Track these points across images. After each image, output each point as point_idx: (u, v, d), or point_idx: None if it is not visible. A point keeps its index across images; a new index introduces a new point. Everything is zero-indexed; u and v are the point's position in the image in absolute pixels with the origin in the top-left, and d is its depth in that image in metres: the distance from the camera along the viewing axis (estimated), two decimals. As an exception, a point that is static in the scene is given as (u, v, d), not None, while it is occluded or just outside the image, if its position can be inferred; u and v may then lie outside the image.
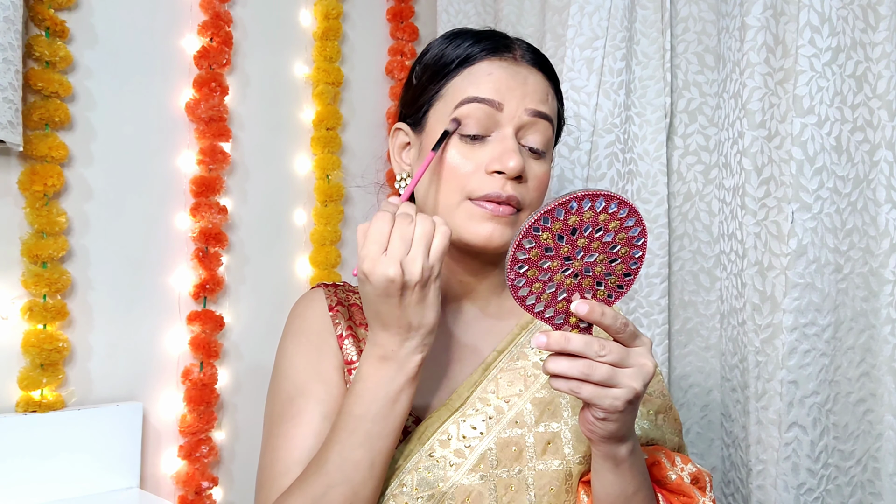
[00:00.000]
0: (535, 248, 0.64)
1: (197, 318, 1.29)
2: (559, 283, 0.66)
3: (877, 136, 1.12)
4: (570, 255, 0.65)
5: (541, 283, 0.65)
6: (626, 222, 0.64)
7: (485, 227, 0.79)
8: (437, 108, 0.84)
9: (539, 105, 0.82)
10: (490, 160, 0.79)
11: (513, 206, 0.80)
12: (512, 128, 0.81)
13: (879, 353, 1.12)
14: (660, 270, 1.30)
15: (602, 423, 0.67)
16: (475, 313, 0.88)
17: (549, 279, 0.65)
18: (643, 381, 0.65)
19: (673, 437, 0.90)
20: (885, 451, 1.12)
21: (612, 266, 0.66)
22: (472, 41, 0.84)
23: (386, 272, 0.68)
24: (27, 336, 1.12)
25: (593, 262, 0.65)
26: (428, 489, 0.76)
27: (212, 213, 1.30)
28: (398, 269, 0.68)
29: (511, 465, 0.78)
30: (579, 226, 0.64)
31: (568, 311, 0.66)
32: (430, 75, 0.85)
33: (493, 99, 0.80)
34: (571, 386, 0.65)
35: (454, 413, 0.80)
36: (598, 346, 0.64)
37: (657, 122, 1.32)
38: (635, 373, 0.65)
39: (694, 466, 0.85)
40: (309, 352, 0.84)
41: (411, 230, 0.70)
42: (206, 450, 1.28)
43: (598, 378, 0.64)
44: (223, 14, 1.35)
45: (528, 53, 0.85)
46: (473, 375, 0.83)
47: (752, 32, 1.17)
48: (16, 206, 1.13)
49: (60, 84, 1.15)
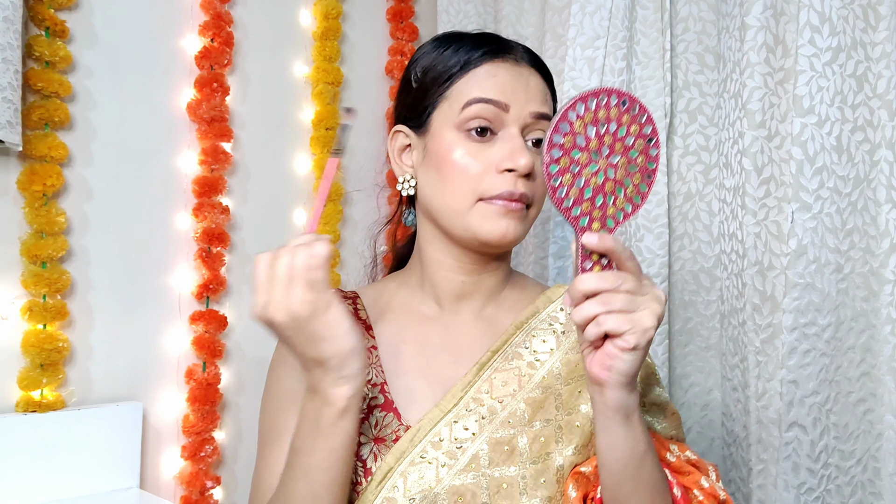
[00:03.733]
0: (570, 134, 0.67)
1: (201, 317, 1.29)
2: (587, 180, 0.68)
3: (877, 135, 1.13)
4: (597, 150, 0.68)
5: (571, 175, 0.68)
6: (644, 129, 0.69)
7: (500, 224, 0.80)
8: (443, 110, 0.84)
9: (541, 107, 0.84)
10: (501, 159, 0.81)
11: (523, 202, 0.81)
12: (517, 127, 0.82)
13: (880, 353, 1.12)
14: (660, 270, 1.30)
15: (629, 353, 0.65)
16: (472, 315, 0.89)
17: (579, 172, 0.68)
18: (661, 304, 0.67)
19: (670, 430, 0.90)
20: (885, 451, 1.12)
21: (631, 175, 0.70)
22: (472, 44, 0.85)
23: (270, 317, 0.67)
24: (27, 336, 1.12)
25: (616, 164, 0.69)
26: (420, 490, 0.77)
27: (214, 213, 1.31)
28: (277, 312, 0.66)
29: (504, 465, 0.79)
30: (606, 121, 0.68)
31: (591, 213, 0.69)
32: (432, 77, 0.86)
33: (500, 100, 0.82)
34: (599, 321, 0.65)
35: (447, 414, 0.81)
36: (614, 277, 0.66)
37: (657, 122, 1.32)
38: (651, 298, 0.66)
39: (693, 454, 0.85)
40: (290, 373, 0.84)
41: (283, 266, 0.67)
42: (210, 449, 1.28)
43: (620, 305, 0.65)
44: (224, 14, 1.35)
45: (527, 55, 0.87)
46: (467, 376, 0.83)
47: (752, 32, 1.17)
48: (15, 206, 1.13)
49: (60, 84, 1.15)
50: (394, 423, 0.82)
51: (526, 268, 1.49)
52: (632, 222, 1.33)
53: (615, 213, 0.70)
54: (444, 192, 0.83)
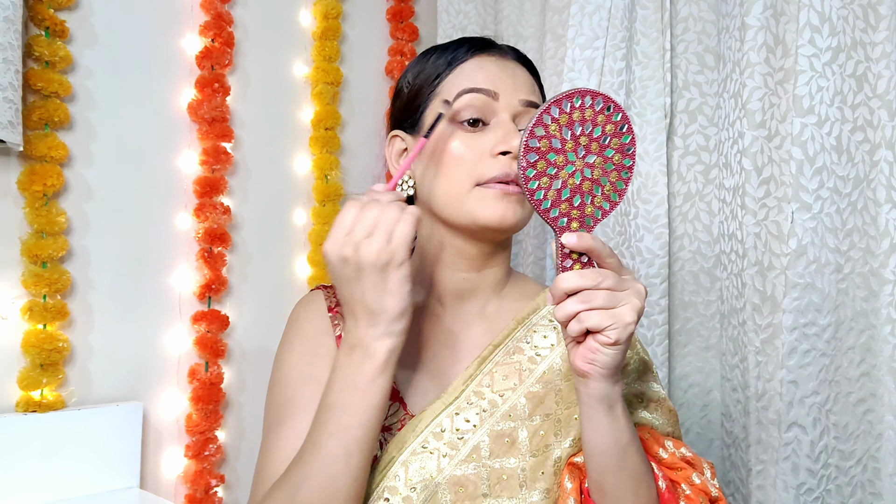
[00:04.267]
0: (545, 137, 0.68)
1: (203, 317, 1.30)
2: (564, 181, 0.70)
3: (877, 135, 1.13)
4: (573, 151, 0.69)
5: (548, 178, 0.69)
6: (619, 127, 0.70)
7: (498, 207, 0.82)
8: (434, 106, 0.87)
9: (529, 95, 0.87)
10: (495, 143, 0.82)
11: (519, 185, 0.82)
12: (508, 115, 0.84)
13: (880, 353, 1.12)
14: (660, 270, 1.30)
15: (611, 348, 0.68)
16: (475, 312, 0.90)
17: (556, 174, 0.69)
18: (641, 298, 0.69)
19: (667, 426, 0.91)
20: (885, 451, 1.12)
21: (608, 173, 0.71)
22: (457, 44, 0.89)
23: (341, 252, 0.71)
24: (27, 336, 1.12)
25: (592, 164, 0.70)
26: (421, 480, 0.78)
27: (216, 213, 1.31)
28: (352, 251, 0.70)
29: (504, 456, 0.80)
30: (581, 122, 0.69)
31: (569, 213, 0.70)
32: (422, 79, 0.89)
33: (490, 89, 0.84)
34: (580, 318, 0.68)
35: (448, 406, 0.82)
36: (594, 275, 0.68)
37: (657, 122, 1.32)
38: (632, 293, 0.69)
39: (689, 451, 0.86)
40: (302, 355, 0.85)
41: (373, 215, 0.71)
42: (213, 448, 1.28)
43: (601, 302, 0.67)
44: (224, 14, 1.35)
45: (512, 51, 0.90)
46: (469, 369, 0.84)
47: (752, 32, 1.17)
48: (15, 206, 1.13)
49: (60, 84, 1.15)
50: (399, 413, 0.84)
51: (525, 268, 1.49)
52: (632, 222, 1.33)
53: (593, 211, 0.71)
54: (442, 182, 0.84)
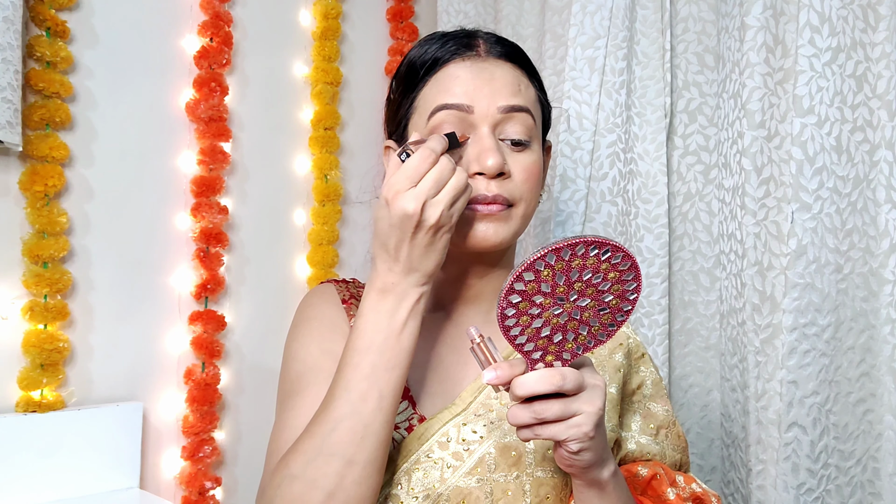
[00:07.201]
0: (534, 282, 0.64)
1: (199, 318, 1.29)
2: (546, 320, 0.66)
3: (877, 136, 1.13)
4: (563, 296, 0.65)
5: (529, 317, 0.65)
6: (625, 275, 0.65)
7: (478, 229, 0.79)
8: (414, 122, 0.83)
9: (510, 99, 0.81)
10: (469, 163, 0.79)
11: (501, 203, 0.80)
12: (488, 126, 0.80)
13: (879, 353, 1.12)
14: (660, 270, 1.30)
15: (579, 455, 0.67)
16: (481, 318, 0.88)
17: (539, 315, 0.65)
18: (601, 395, 0.66)
19: (675, 454, 0.90)
20: (885, 451, 1.12)
21: (600, 315, 0.66)
22: (438, 45, 0.83)
23: (406, 206, 0.70)
24: (27, 336, 1.12)
25: (584, 307, 0.66)
26: (424, 489, 0.77)
27: (212, 213, 1.31)
28: (418, 207, 0.70)
29: (509, 471, 0.79)
30: (580, 269, 0.64)
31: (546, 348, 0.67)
32: (402, 88, 0.85)
33: (462, 103, 0.79)
34: (535, 431, 0.66)
35: (456, 416, 0.80)
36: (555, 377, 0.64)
37: (657, 122, 1.32)
38: (590, 394, 0.66)
39: (699, 486, 0.85)
40: (321, 333, 0.84)
41: (447, 177, 0.71)
42: (209, 450, 1.28)
43: (553, 415, 0.64)
44: (223, 14, 1.35)
45: (496, 47, 0.83)
46: (478, 380, 0.83)
47: (751, 32, 1.17)
48: (16, 207, 1.13)
49: (61, 84, 1.15)
50: (408, 411, 0.82)
51: (526, 268, 1.49)
52: (632, 222, 1.33)
53: (574, 347, 0.67)
54: None
